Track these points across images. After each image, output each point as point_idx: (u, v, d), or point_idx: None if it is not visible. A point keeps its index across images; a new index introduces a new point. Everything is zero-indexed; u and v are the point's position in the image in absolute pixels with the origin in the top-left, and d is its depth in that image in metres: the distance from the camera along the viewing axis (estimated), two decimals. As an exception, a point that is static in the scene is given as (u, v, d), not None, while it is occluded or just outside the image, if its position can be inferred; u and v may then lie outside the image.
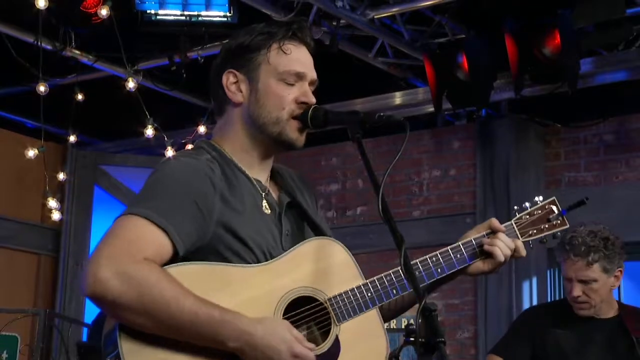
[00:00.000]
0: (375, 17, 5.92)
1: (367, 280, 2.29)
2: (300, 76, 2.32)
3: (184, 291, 2.04)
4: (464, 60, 6.12)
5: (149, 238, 2.07)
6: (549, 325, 3.67)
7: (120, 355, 2.01)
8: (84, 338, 7.38)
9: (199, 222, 2.13)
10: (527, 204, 2.56)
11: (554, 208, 2.57)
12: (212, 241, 2.16)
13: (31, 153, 6.54)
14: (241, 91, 2.31)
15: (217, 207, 2.17)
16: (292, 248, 2.26)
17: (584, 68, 6.02)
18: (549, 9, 5.79)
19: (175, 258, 2.10)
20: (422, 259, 2.37)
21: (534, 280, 6.84)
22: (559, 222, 2.57)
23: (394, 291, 2.30)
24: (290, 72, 2.30)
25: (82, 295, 2.10)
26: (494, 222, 2.50)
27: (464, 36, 6.25)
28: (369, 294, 2.26)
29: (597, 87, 6.34)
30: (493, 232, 2.49)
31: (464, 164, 7.30)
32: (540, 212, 2.56)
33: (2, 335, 6.51)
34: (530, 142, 7.07)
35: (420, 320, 1.98)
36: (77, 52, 6.27)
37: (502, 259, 2.45)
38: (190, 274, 2.08)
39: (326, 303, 2.22)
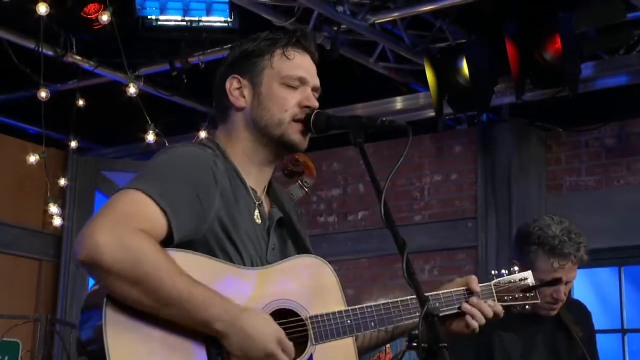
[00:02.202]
0: (376, 22, 5.92)
1: (349, 308, 2.28)
2: (303, 81, 2.33)
3: (178, 268, 2.04)
4: (464, 65, 6.12)
5: (148, 213, 2.06)
6: (494, 325, 3.55)
7: (103, 327, 1.99)
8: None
9: (198, 213, 2.14)
10: (505, 271, 2.59)
11: (529, 281, 2.60)
12: (206, 235, 2.16)
13: (32, 159, 6.54)
14: (244, 96, 2.32)
15: (217, 203, 2.17)
16: (284, 260, 2.27)
17: (585, 72, 6.02)
18: (550, 13, 5.79)
19: (167, 243, 2.09)
20: (402, 299, 2.35)
21: (536, 284, 6.83)
22: (532, 295, 2.60)
23: (372, 324, 2.29)
24: (293, 76, 2.32)
25: (75, 259, 2.08)
26: (473, 282, 2.47)
27: (464, 41, 6.25)
28: (349, 322, 2.25)
29: (598, 91, 6.34)
30: (470, 292, 2.47)
31: (465, 168, 7.29)
32: (516, 281, 2.59)
33: (4, 341, 6.51)
34: (532, 147, 7.07)
35: (422, 326, 1.98)
36: (78, 57, 6.28)
37: (475, 327, 2.43)
38: (187, 260, 2.08)
39: (307, 320, 2.21)
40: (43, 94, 5.90)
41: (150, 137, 6.25)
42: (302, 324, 2.21)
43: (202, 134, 6.38)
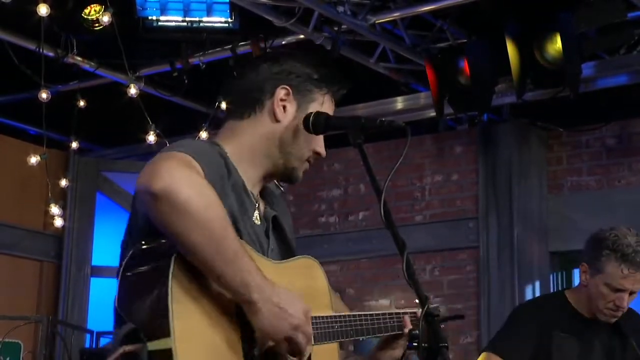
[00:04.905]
0: (377, 22, 5.92)
1: (337, 314, 2.30)
2: None
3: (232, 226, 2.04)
4: (465, 65, 6.12)
5: (199, 169, 2.04)
6: (554, 325, 3.58)
7: (169, 292, 1.93)
8: (87, 345, 7.38)
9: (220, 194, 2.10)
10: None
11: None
12: None
13: (33, 160, 6.54)
14: (285, 111, 2.29)
15: (230, 194, 2.15)
16: (287, 259, 2.28)
17: (585, 72, 6.02)
18: (550, 13, 5.79)
19: None
20: (384, 312, 2.44)
21: (537, 284, 6.84)
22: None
23: (351, 332, 2.32)
24: None
25: (143, 189, 1.93)
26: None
27: (465, 41, 6.25)
28: (336, 327, 2.28)
29: (599, 91, 6.34)
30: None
31: (466, 168, 7.29)
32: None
33: (5, 343, 6.52)
34: (533, 147, 7.07)
35: (423, 326, 1.98)
36: (78, 58, 6.28)
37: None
38: None
39: None
40: (44, 95, 5.90)
41: (151, 137, 6.25)
42: None
43: (203, 135, 6.39)
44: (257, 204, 2.29)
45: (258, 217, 2.28)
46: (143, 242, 2.05)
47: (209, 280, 2.01)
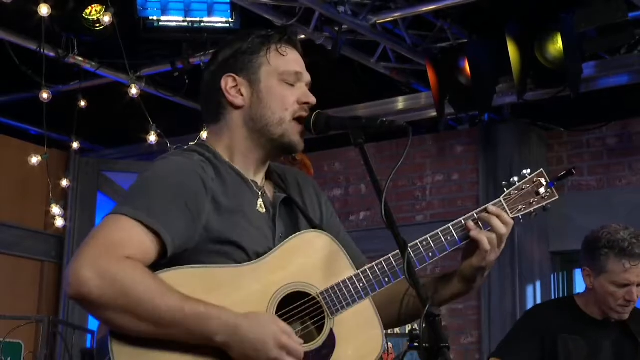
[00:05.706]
0: (378, 22, 5.92)
1: (359, 271, 2.28)
2: (298, 77, 2.34)
3: (168, 288, 2.03)
4: (466, 65, 6.11)
5: (136, 239, 2.06)
6: (560, 328, 3.61)
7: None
8: (88, 345, 7.38)
9: (189, 223, 2.13)
10: (515, 179, 2.52)
11: (542, 180, 2.52)
12: (200, 243, 2.14)
13: (34, 160, 6.55)
14: (242, 94, 2.32)
15: (207, 209, 2.16)
16: (280, 244, 2.24)
17: (586, 72, 6.02)
18: (551, 14, 5.79)
19: (161, 259, 2.09)
20: (412, 243, 2.33)
21: (538, 284, 6.83)
22: (548, 194, 2.53)
23: (386, 279, 2.29)
24: (290, 72, 2.32)
25: (67, 297, 2.07)
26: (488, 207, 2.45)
27: (466, 41, 6.25)
28: (361, 285, 2.25)
29: (600, 91, 6.34)
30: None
31: (467, 168, 7.29)
32: (528, 185, 2.52)
33: (6, 343, 6.52)
34: (533, 146, 7.07)
35: (424, 326, 1.98)
36: (79, 59, 6.29)
37: (487, 247, 2.43)
38: (178, 278, 2.07)
39: (318, 297, 2.20)
40: (45, 95, 5.91)
41: (152, 137, 6.26)
42: (316, 302, 2.20)
43: (204, 135, 6.39)
44: (260, 192, 2.30)
45: (262, 205, 2.29)
46: None
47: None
